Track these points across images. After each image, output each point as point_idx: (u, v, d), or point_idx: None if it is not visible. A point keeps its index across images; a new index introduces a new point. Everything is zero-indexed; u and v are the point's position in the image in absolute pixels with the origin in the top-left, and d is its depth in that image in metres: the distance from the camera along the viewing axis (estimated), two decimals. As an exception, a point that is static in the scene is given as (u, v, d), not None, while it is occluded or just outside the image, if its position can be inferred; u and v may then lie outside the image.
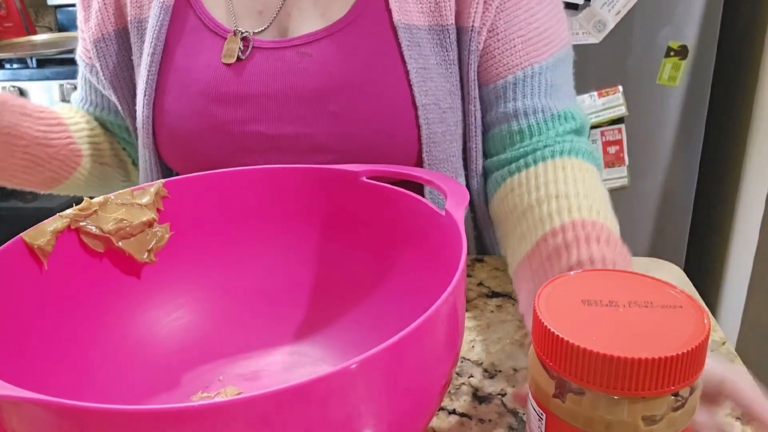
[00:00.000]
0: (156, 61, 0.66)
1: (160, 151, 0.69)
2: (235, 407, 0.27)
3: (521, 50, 0.63)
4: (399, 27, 0.62)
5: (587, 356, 0.30)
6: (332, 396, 0.29)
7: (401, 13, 0.62)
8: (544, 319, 0.32)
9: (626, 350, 0.29)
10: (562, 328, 0.31)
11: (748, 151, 1.46)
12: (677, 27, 1.40)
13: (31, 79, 1.68)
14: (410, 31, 0.62)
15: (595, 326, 0.31)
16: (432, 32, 0.63)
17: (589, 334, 0.31)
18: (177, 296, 0.52)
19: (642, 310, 0.32)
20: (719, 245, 1.61)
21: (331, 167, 0.52)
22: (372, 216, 0.51)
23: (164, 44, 0.66)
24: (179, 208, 0.52)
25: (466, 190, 0.46)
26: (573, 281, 0.35)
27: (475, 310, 0.59)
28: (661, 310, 0.32)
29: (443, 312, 0.33)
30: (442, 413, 0.46)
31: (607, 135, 1.49)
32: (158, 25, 0.66)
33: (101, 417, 0.27)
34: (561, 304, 0.33)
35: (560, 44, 0.65)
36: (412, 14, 0.63)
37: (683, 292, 0.34)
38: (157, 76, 0.66)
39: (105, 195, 0.49)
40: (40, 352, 0.43)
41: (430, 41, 0.63)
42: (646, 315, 0.32)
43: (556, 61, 0.64)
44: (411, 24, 0.63)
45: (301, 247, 0.54)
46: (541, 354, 0.32)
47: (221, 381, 0.50)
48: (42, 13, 2.23)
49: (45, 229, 0.45)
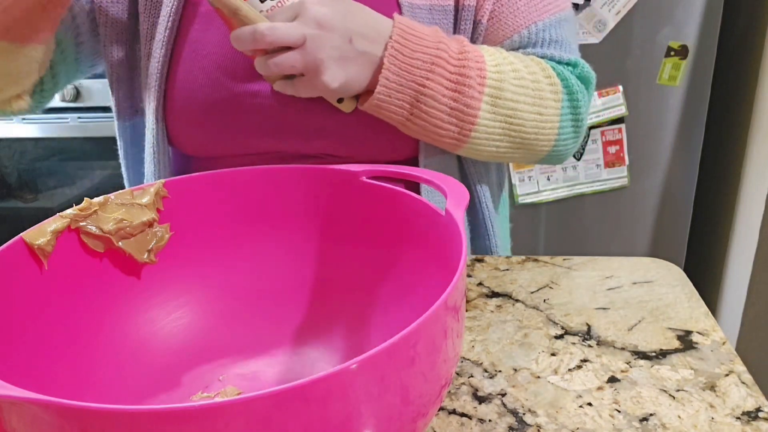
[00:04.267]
0: (172, 35, 0.68)
1: (169, 124, 0.69)
2: (235, 407, 0.27)
3: (524, 11, 0.67)
4: (403, 6, 0.65)
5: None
6: (332, 396, 0.29)
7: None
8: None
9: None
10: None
11: (748, 151, 1.46)
12: (677, 27, 1.40)
13: (31, 79, 1.67)
14: (413, 10, 0.65)
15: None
16: (433, 12, 0.66)
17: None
18: (177, 296, 0.52)
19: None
20: (719, 245, 1.61)
21: (331, 167, 0.52)
22: (372, 216, 0.51)
23: (180, 17, 0.68)
24: (179, 208, 0.52)
25: (466, 190, 0.46)
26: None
27: (475, 310, 0.59)
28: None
29: (443, 312, 0.33)
30: (442, 413, 0.46)
31: (607, 135, 1.49)
32: (176, 1, 0.68)
33: (101, 417, 0.27)
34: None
35: (560, 6, 0.69)
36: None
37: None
38: (172, 47, 0.68)
39: (105, 195, 0.49)
40: (40, 352, 0.43)
41: (430, 21, 0.66)
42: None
43: (559, 20, 0.69)
44: (414, 3, 0.66)
45: (300, 246, 0.54)
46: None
47: (221, 381, 0.50)
48: (42, 13, 2.22)
49: (45, 229, 0.45)
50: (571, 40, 0.71)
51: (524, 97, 0.63)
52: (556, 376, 0.49)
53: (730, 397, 0.46)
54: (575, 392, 0.47)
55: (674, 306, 0.58)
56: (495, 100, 0.61)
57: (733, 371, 0.49)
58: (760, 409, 0.45)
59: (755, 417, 0.44)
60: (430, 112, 0.60)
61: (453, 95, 0.60)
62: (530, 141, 0.65)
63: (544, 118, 0.65)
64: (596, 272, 0.64)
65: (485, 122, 0.62)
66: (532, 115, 0.64)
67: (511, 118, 0.63)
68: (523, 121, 0.64)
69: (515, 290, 0.62)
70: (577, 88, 0.67)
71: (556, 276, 0.64)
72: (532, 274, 0.64)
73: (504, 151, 0.65)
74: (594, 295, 0.60)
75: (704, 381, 0.48)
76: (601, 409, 0.45)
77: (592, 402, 0.46)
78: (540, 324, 0.56)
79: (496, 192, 0.77)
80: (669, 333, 0.54)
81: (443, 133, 0.62)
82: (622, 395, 0.47)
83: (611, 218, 1.56)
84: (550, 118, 0.65)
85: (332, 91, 0.58)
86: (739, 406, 0.45)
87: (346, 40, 0.57)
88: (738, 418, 0.44)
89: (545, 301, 0.59)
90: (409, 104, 0.60)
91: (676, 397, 0.46)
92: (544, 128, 0.65)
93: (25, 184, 1.88)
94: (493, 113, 0.62)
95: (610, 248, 1.58)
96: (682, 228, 1.56)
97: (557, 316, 0.57)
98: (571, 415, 0.45)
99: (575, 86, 0.67)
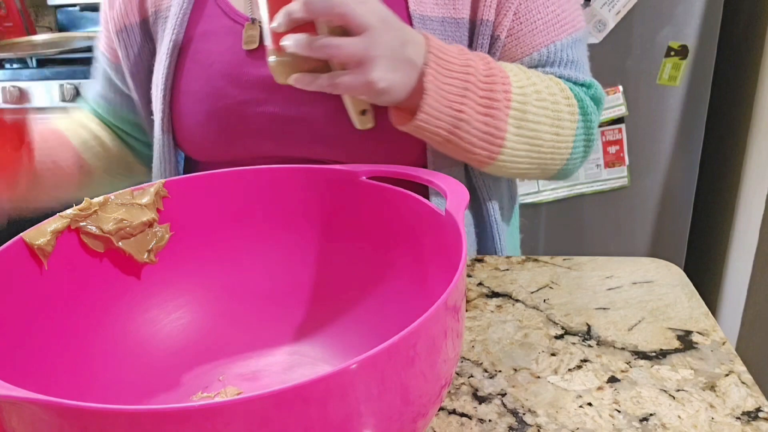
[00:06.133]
0: (177, 46, 0.69)
1: (176, 133, 0.71)
2: (235, 407, 0.27)
3: (543, 30, 0.67)
4: (414, 17, 0.64)
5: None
6: (332, 396, 0.29)
7: (417, 4, 0.65)
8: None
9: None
10: None
11: (748, 151, 1.46)
12: (677, 27, 1.40)
13: (31, 79, 1.68)
14: (424, 22, 0.65)
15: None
16: (445, 24, 0.66)
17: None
18: (177, 296, 0.52)
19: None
20: (719, 245, 1.61)
21: (332, 167, 0.52)
22: (372, 216, 0.51)
23: (185, 31, 0.70)
24: (179, 208, 0.52)
25: (466, 190, 0.46)
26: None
27: (475, 310, 0.59)
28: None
29: (443, 312, 0.33)
30: (442, 413, 0.46)
31: (607, 135, 1.49)
32: (181, 14, 0.69)
33: (101, 417, 0.27)
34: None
35: (577, 25, 0.70)
36: (428, 5, 0.65)
37: None
38: (177, 59, 0.70)
39: (105, 195, 0.49)
40: (40, 352, 0.43)
41: (442, 33, 0.65)
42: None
43: (575, 40, 0.69)
44: (425, 15, 0.65)
45: (301, 246, 0.54)
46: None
47: (221, 381, 0.50)
48: (42, 13, 2.23)
49: (45, 229, 0.45)
50: (585, 60, 0.71)
51: (545, 118, 0.62)
52: (556, 376, 0.49)
53: (730, 397, 0.46)
54: (575, 392, 0.47)
55: (674, 306, 0.58)
56: (520, 122, 0.61)
57: (733, 371, 0.49)
58: (760, 409, 0.45)
59: (755, 417, 0.44)
60: (464, 137, 0.59)
61: (485, 119, 0.59)
62: (546, 160, 0.65)
63: (561, 138, 0.64)
64: (596, 272, 0.64)
65: (511, 144, 0.61)
66: (550, 135, 0.63)
67: (532, 139, 0.62)
68: (542, 141, 0.63)
69: (515, 290, 0.62)
70: (591, 109, 0.67)
71: (556, 276, 0.64)
72: (532, 274, 0.64)
73: (524, 168, 0.65)
74: (594, 295, 0.60)
75: (704, 381, 0.48)
76: (601, 409, 0.45)
77: (592, 402, 0.46)
78: (540, 324, 0.56)
79: (507, 205, 0.77)
80: (669, 333, 0.54)
81: (472, 156, 0.61)
82: (622, 395, 0.47)
83: (611, 218, 1.56)
84: (566, 138, 0.65)
85: (375, 91, 0.54)
86: (739, 406, 0.45)
87: (400, 43, 0.54)
88: (738, 418, 0.44)
89: (545, 301, 0.59)
90: (447, 131, 0.59)
91: (676, 397, 0.46)
92: (560, 148, 0.65)
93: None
94: (518, 135, 0.61)
95: (610, 248, 1.58)
96: (682, 228, 1.56)
97: (557, 316, 0.57)
98: (571, 415, 0.45)
99: (589, 107, 0.66)
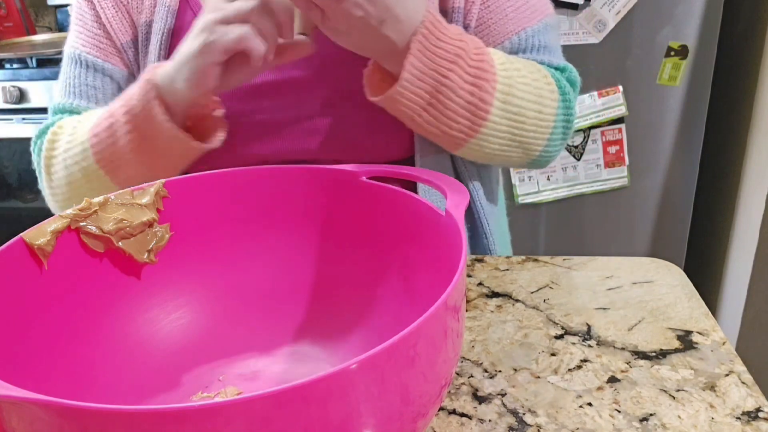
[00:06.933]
0: (164, 54, 0.70)
1: None
2: (235, 407, 0.27)
3: (513, 18, 0.69)
4: None
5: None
6: (332, 396, 0.29)
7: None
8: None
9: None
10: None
11: (748, 151, 1.46)
12: (677, 27, 1.40)
13: (31, 79, 1.68)
14: None
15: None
16: None
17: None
18: (177, 296, 0.52)
19: None
20: (719, 245, 1.61)
21: (332, 167, 0.52)
22: (372, 216, 0.51)
23: (169, 45, 0.70)
24: (179, 208, 0.52)
25: (466, 190, 0.46)
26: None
27: (475, 310, 0.59)
28: None
29: (443, 312, 0.33)
30: (442, 413, 0.46)
31: (607, 135, 1.49)
32: (165, 29, 0.70)
33: (101, 417, 0.27)
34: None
35: (547, 11, 0.72)
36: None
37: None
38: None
39: (105, 195, 0.49)
40: (40, 352, 0.43)
41: None
42: None
43: (545, 26, 0.71)
44: None
45: (300, 246, 0.54)
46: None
47: (221, 381, 0.50)
48: (42, 13, 2.23)
49: (45, 229, 0.45)
50: (557, 46, 0.73)
51: (528, 95, 0.64)
52: (556, 376, 0.49)
53: (730, 397, 0.46)
54: (575, 392, 0.47)
55: (674, 306, 0.58)
56: (506, 96, 0.62)
57: (733, 371, 0.49)
58: (760, 409, 0.45)
59: (755, 417, 0.44)
60: (446, 104, 0.60)
61: (471, 89, 0.60)
62: (528, 140, 0.66)
63: (543, 116, 0.66)
64: (596, 272, 0.64)
65: (495, 118, 0.62)
66: (533, 113, 0.65)
67: (516, 116, 0.64)
68: (525, 119, 0.64)
69: (515, 290, 0.62)
70: (568, 89, 0.69)
71: (556, 276, 0.64)
72: (532, 274, 0.64)
73: (503, 149, 0.65)
74: (594, 295, 0.60)
75: (704, 381, 0.48)
76: (601, 409, 0.45)
77: (592, 402, 0.46)
78: (540, 324, 0.56)
79: (491, 189, 0.78)
80: (669, 333, 0.54)
81: (454, 126, 0.62)
82: (622, 395, 0.47)
83: (611, 218, 1.56)
84: (547, 118, 0.66)
85: (346, 16, 0.54)
86: (739, 406, 0.45)
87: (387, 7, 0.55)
88: (738, 418, 0.44)
89: (545, 301, 0.59)
90: (429, 93, 0.60)
91: (676, 397, 0.46)
92: (541, 127, 0.66)
93: (25, 184, 1.88)
94: (502, 110, 0.63)
95: (610, 248, 1.58)
96: (682, 228, 1.56)
97: (557, 316, 0.57)
98: (571, 415, 0.45)
99: (567, 88, 0.68)
